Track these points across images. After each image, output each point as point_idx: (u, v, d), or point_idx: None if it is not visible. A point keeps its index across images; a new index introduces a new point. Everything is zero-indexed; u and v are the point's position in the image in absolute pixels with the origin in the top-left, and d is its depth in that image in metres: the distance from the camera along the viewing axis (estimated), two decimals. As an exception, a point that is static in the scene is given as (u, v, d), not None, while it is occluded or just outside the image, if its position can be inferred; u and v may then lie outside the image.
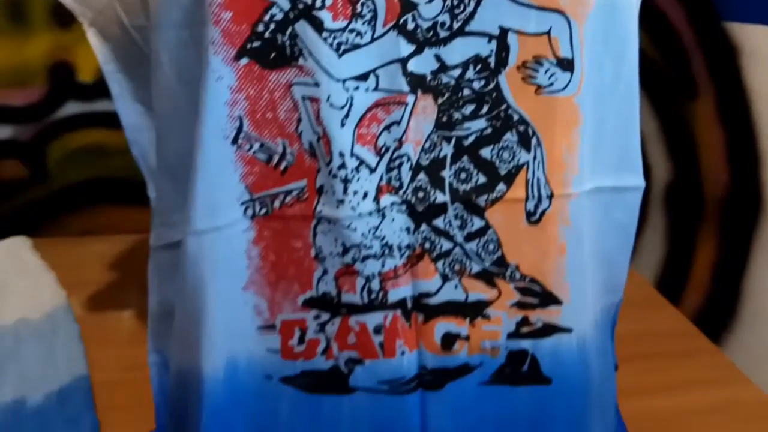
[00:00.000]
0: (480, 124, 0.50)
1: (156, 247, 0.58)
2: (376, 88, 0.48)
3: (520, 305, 0.53)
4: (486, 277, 0.53)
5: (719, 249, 1.07)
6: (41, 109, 1.17)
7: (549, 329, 0.54)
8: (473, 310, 0.53)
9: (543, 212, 0.52)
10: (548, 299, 0.53)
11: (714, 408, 0.76)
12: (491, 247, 0.52)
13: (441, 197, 0.51)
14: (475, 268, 0.52)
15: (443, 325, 0.53)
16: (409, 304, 0.52)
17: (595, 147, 0.53)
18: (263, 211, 0.50)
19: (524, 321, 0.54)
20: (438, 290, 0.52)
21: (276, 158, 0.49)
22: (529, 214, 0.52)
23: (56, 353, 0.79)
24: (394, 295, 0.52)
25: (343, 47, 0.47)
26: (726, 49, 1.01)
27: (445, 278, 0.52)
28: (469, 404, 0.55)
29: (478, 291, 0.53)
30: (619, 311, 0.67)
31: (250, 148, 0.48)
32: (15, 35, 1.12)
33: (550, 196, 0.51)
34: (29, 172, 1.19)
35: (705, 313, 1.06)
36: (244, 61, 0.47)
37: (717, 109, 1.05)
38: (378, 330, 0.52)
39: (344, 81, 0.48)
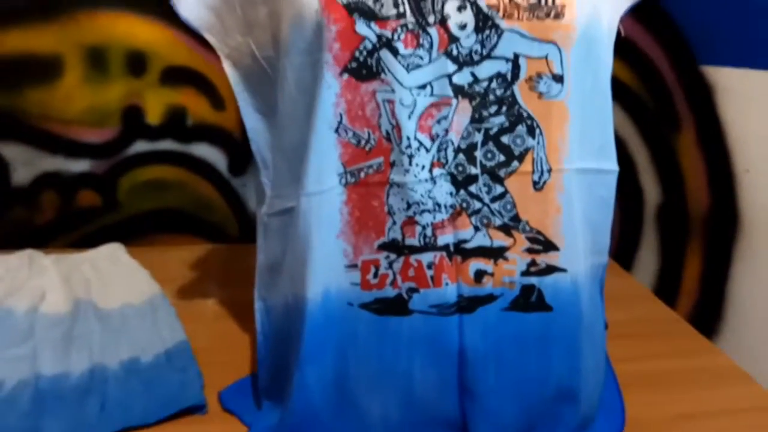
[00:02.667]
0: (500, 119, 0.72)
1: (268, 215, 0.82)
2: (431, 94, 0.71)
3: (529, 250, 0.75)
4: (505, 229, 0.74)
5: (705, 261, 1.22)
6: (114, 146, 1.37)
7: (550, 269, 0.75)
8: (496, 253, 0.74)
9: (544, 182, 0.74)
10: (549, 246, 0.75)
11: (691, 370, 0.96)
12: (509, 207, 0.74)
13: (474, 170, 0.73)
14: (498, 222, 0.74)
15: (475, 264, 0.74)
16: (452, 248, 0.74)
17: (580, 138, 0.75)
18: (353, 179, 0.73)
19: (533, 262, 0.75)
20: (471, 238, 0.73)
21: (363, 142, 0.73)
22: (534, 183, 0.74)
23: (159, 326, 0.97)
24: (441, 240, 0.74)
25: (410, 66, 0.71)
26: (703, 88, 1.18)
27: (476, 229, 0.74)
28: (493, 325, 0.74)
29: (500, 239, 0.74)
30: (621, 310, 0.89)
31: (346, 135, 0.73)
32: (96, 81, 1.32)
33: (549, 171, 0.74)
34: (102, 202, 1.39)
35: (696, 317, 1.20)
36: (346, 76, 0.71)
37: (697, 139, 1.21)
38: (430, 266, 0.74)
39: (411, 89, 0.71)
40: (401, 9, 0.71)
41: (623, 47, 1.23)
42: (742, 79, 1.13)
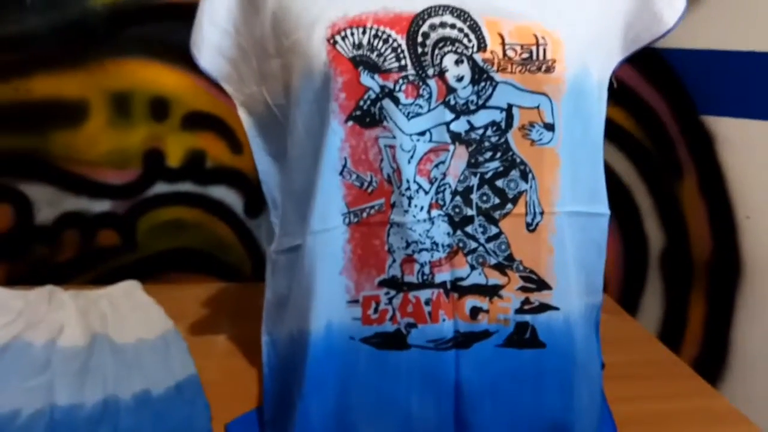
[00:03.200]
0: (495, 164, 0.77)
1: (276, 252, 0.87)
2: (430, 140, 0.76)
3: (523, 289, 0.79)
4: (500, 268, 0.78)
5: (708, 307, 1.25)
6: (135, 188, 1.42)
7: (543, 307, 0.79)
8: (491, 291, 0.78)
9: (537, 224, 0.79)
10: (542, 285, 0.79)
11: (689, 411, 0.98)
12: (503, 247, 0.78)
13: (470, 212, 0.77)
14: (492, 261, 0.78)
15: (471, 301, 0.78)
16: (449, 285, 0.78)
17: (572, 182, 0.80)
18: (356, 219, 0.78)
19: (526, 300, 0.78)
20: (468, 276, 0.77)
21: (366, 184, 0.78)
22: (527, 225, 0.78)
23: (171, 360, 1.00)
24: (438, 278, 0.78)
25: (411, 114, 0.76)
26: (704, 137, 1.23)
27: (472, 268, 0.78)
28: (488, 360, 0.77)
29: (495, 278, 0.78)
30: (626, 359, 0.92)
31: (350, 177, 0.78)
32: (119, 126, 1.38)
33: (542, 213, 0.78)
34: (121, 241, 1.44)
35: (701, 364, 1.23)
36: (350, 123, 0.77)
37: (699, 186, 1.25)
38: (427, 302, 0.78)
39: (411, 135, 0.76)
40: (403, 62, 0.76)
41: (627, 98, 1.30)
42: (741, 128, 1.18)
